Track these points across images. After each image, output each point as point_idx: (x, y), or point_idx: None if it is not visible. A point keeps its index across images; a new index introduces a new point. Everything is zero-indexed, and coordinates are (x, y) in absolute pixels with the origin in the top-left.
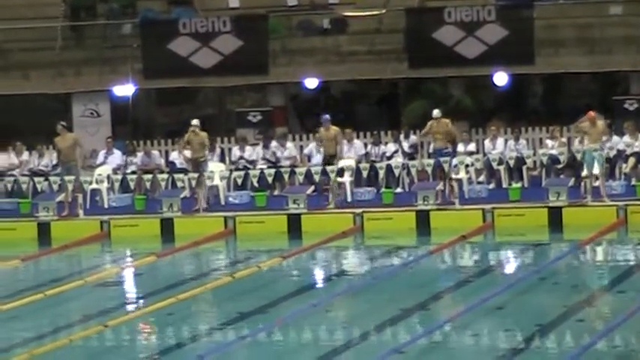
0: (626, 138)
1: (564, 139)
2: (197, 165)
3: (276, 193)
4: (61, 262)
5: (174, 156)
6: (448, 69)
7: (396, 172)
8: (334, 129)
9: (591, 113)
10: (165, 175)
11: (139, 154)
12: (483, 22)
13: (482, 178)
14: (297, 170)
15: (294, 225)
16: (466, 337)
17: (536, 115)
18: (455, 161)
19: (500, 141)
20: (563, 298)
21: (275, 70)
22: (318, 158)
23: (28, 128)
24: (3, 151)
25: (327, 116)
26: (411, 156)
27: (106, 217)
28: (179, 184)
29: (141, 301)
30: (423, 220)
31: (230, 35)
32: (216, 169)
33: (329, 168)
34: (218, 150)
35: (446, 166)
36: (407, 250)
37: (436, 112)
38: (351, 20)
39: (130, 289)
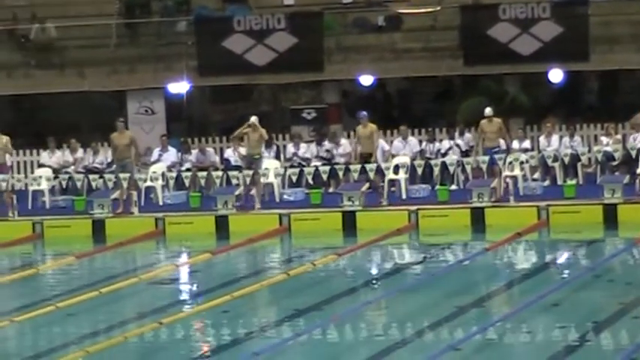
0: None
1: (619, 136)
2: (251, 162)
3: (330, 190)
4: (116, 259)
5: (228, 153)
6: (503, 66)
7: (451, 169)
8: (371, 126)
9: None
10: (219, 173)
11: (194, 152)
12: (538, 19)
13: (537, 175)
14: (352, 167)
15: (349, 222)
16: (521, 334)
17: (591, 111)
18: (509, 158)
19: (555, 138)
20: (618, 295)
21: (330, 67)
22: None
23: (83, 126)
24: (58, 149)
25: (365, 113)
26: (465, 153)
27: (160, 215)
28: (234, 181)
29: (196, 298)
30: (477, 218)
31: (285, 32)
32: (270, 166)
33: (368, 166)
34: (273, 147)
35: (500, 164)
36: (462, 247)
37: (488, 111)
38: (406, 17)
39: (185, 286)
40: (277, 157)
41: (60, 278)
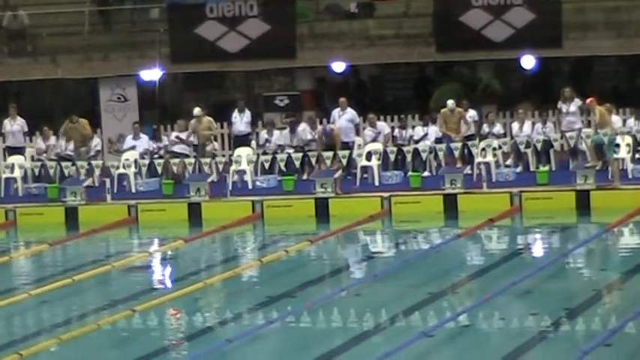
0: None
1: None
2: (203, 149)
3: (304, 177)
4: (89, 247)
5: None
6: (476, 52)
7: (423, 155)
8: (335, 132)
9: (588, 100)
10: (192, 160)
11: (166, 138)
12: (510, 6)
13: (509, 161)
14: (325, 154)
15: (322, 209)
16: (494, 321)
17: None
18: (482, 144)
19: (527, 124)
20: (591, 281)
21: (302, 54)
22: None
23: (56, 113)
24: (30, 136)
25: (328, 127)
26: (438, 140)
27: (133, 202)
28: (206, 168)
29: (169, 285)
30: (450, 204)
31: (257, 19)
32: (243, 153)
33: (341, 153)
34: (246, 112)
35: (457, 153)
36: (435, 233)
37: (450, 103)
38: (379, 4)
39: (158, 273)
40: (253, 123)
41: (33, 266)
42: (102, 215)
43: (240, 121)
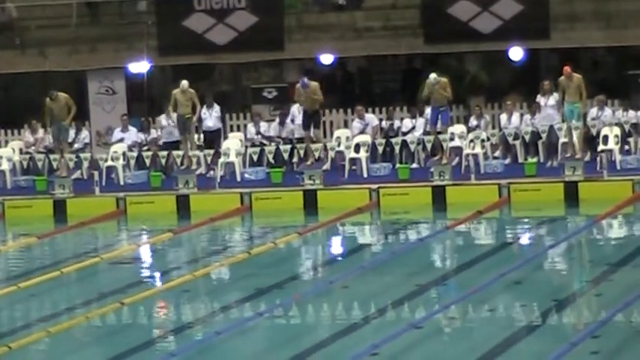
0: None
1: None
2: (184, 123)
3: (296, 168)
4: (78, 239)
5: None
6: (464, 44)
7: (412, 147)
8: (313, 84)
9: (566, 68)
10: (180, 152)
11: (154, 131)
12: None
13: (497, 153)
14: (313, 146)
15: (310, 201)
16: (483, 312)
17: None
18: (470, 136)
19: (516, 116)
20: (580, 272)
21: (290, 46)
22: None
23: (44, 106)
24: (18, 129)
25: (306, 79)
26: (427, 132)
27: (122, 194)
28: (194, 160)
29: (157, 278)
30: (439, 196)
31: (245, 11)
32: (232, 145)
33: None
34: (214, 107)
35: (439, 124)
36: (423, 225)
37: (433, 76)
38: None
39: (147, 266)
40: (222, 119)
41: (21, 258)
42: (90, 208)
43: (210, 117)
